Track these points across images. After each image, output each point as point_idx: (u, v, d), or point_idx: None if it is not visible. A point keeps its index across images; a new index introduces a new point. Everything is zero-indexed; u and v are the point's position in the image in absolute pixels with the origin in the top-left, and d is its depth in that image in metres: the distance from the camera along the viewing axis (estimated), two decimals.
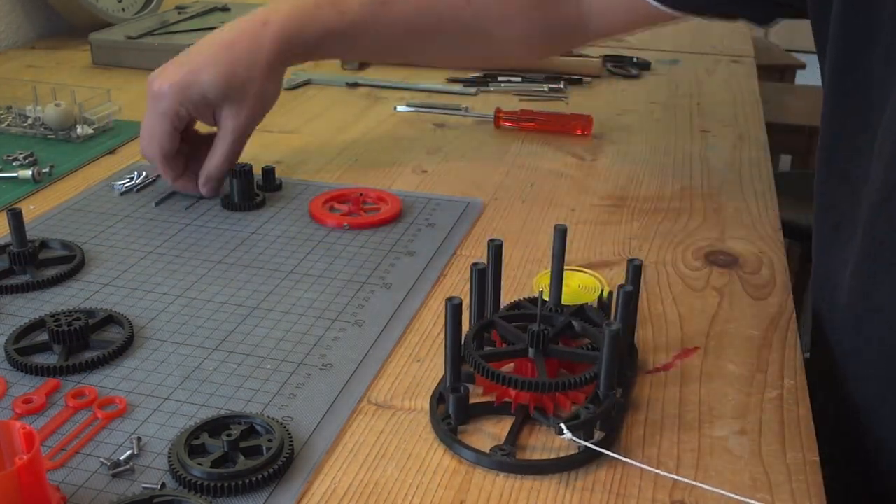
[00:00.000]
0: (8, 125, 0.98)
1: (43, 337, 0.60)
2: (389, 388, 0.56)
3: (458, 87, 1.16)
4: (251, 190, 0.80)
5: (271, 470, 0.48)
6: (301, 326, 0.62)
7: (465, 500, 0.48)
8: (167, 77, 0.77)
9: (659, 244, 0.75)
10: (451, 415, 0.52)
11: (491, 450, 0.50)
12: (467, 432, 0.52)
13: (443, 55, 0.91)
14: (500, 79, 1.18)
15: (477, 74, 1.21)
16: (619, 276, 0.69)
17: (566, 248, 0.56)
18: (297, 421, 0.53)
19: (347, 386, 0.56)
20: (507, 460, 0.49)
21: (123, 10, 1.40)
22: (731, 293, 0.67)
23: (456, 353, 0.52)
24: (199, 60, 0.77)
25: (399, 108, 1.08)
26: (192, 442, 0.49)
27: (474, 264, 0.54)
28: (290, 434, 0.50)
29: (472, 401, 0.53)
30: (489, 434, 0.52)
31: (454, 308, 0.50)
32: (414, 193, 0.83)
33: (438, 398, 0.54)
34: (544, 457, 0.50)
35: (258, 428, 0.51)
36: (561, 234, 0.55)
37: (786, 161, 2.37)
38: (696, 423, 0.53)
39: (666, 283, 0.69)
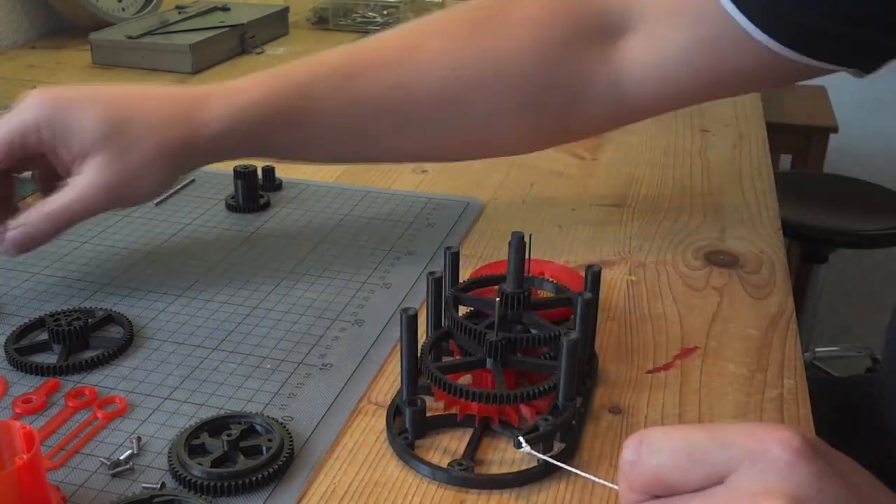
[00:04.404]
0: None
1: (43, 336, 0.60)
2: (389, 388, 0.56)
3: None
4: (256, 192, 0.80)
5: (271, 470, 0.48)
6: (301, 326, 0.62)
7: (465, 500, 0.48)
8: (49, 91, 0.61)
9: (659, 244, 0.75)
10: (408, 428, 0.51)
11: (448, 464, 0.49)
12: (426, 447, 0.51)
13: (414, 141, 0.70)
14: None
15: None
16: (619, 275, 0.69)
17: (566, 247, 0.55)
18: (297, 421, 0.53)
19: (347, 386, 0.56)
20: (465, 475, 0.48)
21: (123, 9, 1.40)
22: (731, 293, 0.67)
23: (412, 365, 0.51)
24: (100, 93, 0.62)
25: None
26: (192, 442, 0.49)
27: (430, 273, 0.53)
28: (290, 434, 0.50)
29: (434, 413, 0.52)
30: (449, 448, 0.51)
31: (409, 319, 0.49)
32: (414, 193, 0.83)
33: (395, 411, 0.53)
34: (503, 470, 0.49)
35: (258, 428, 0.51)
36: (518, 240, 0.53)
37: (786, 161, 2.37)
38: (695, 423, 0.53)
39: (666, 283, 0.69)
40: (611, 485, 0.45)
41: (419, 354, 0.52)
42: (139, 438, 0.51)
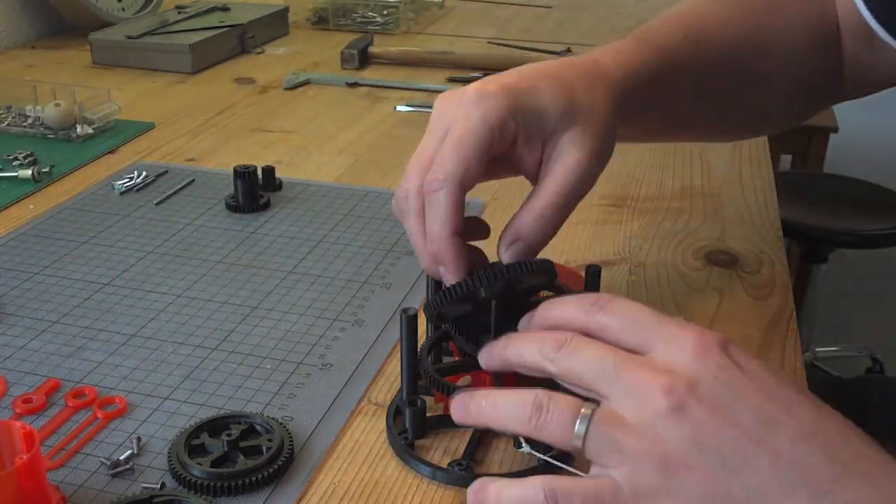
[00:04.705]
0: (8, 125, 0.98)
1: None
2: (389, 388, 0.56)
3: (457, 88, 1.16)
4: (255, 192, 0.80)
5: (271, 470, 0.48)
6: (301, 326, 0.62)
7: (464, 500, 0.47)
8: (492, 81, 0.53)
9: (659, 244, 0.75)
10: (408, 429, 0.51)
11: (448, 464, 0.49)
12: (426, 447, 0.51)
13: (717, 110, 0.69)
14: None
15: (476, 74, 1.21)
16: (619, 275, 0.69)
17: (566, 247, 0.55)
18: (297, 421, 0.53)
19: (347, 386, 0.56)
20: (465, 475, 0.48)
21: (123, 9, 1.40)
22: (731, 293, 0.67)
23: (412, 366, 0.51)
24: (529, 73, 0.54)
25: (399, 108, 1.08)
26: (192, 442, 0.49)
27: (429, 275, 0.53)
28: (290, 434, 0.50)
29: (434, 413, 0.52)
30: (449, 448, 0.51)
31: (409, 319, 0.49)
32: None
33: (395, 411, 0.53)
34: (503, 470, 0.49)
35: (258, 428, 0.51)
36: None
37: (786, 161, 2.37)
38: None
39: (666, 283, 0.69)
40: None
41: (418, 355, 0.51)
42: (139, 438, 0.51)
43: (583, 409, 0.41)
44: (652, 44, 0.60)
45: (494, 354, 0.48)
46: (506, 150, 0.52)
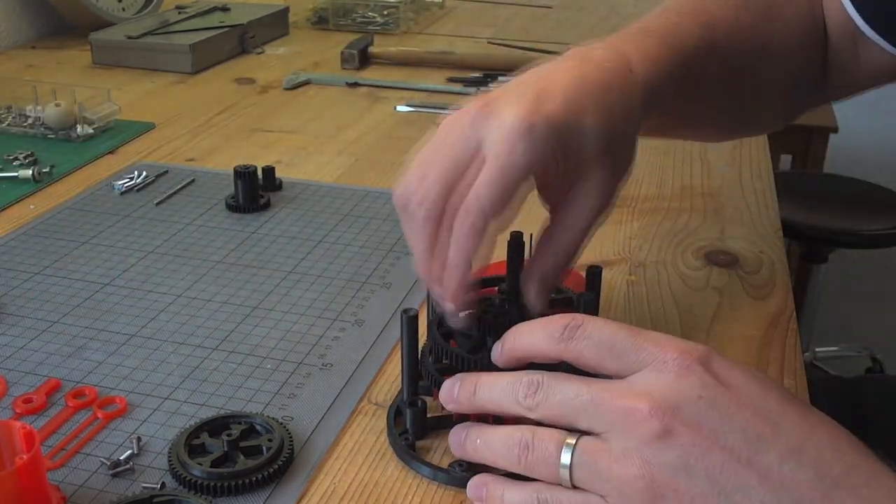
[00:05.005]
0: (8, 125, 0.98)
1: None
2: (389, 388, 0.56)
3: (458, 87, 1.16)
4: (256, 192, 0.80)
5: (271, 470, 0.48)
6: (301, 326, 0.62)
7: (464, 500, 0.48)
8: (537, 109, 0.49)
9: (659, 244, 0.75)
10: (409, 430, 0.51)
11: (449, 465, 0.49)
12: (426, 447, 0.51)
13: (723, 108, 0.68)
14: (499, 78, 1.18)
15: (476, 74, 1.21)
16: (619, 275, 0.69)
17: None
18: (297, 421, 0.53)
19: (347, 386, 0.56)
20: (466, 476, 0.47)
21: (123, 9, 1.40)
22: (731, 293, 0.67)
23: (413, 366, 0.51)
24: (576, 94, 0.50)
25: (399, 108, 1.08)
26: (192, 441, 0.49)
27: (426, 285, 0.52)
28: (290, 434, 0.50)
29: (434, 414, 0.52)
30: (449, 449, 0.50)
31: (410, 320, 0.49)
32: None
33: (396, 412, 0.53)
34: (504, 472, 0.48)
35: (258, 428, 0.51)
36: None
37: (786, 161, 2.37)
38: None
39: (666, 283, 0.69)
40: None
41: (419, 356, 0.51)
42: (139, 438, 0.51)
43: (566, 442, 0.42)
44: (676, 50, 0.59)
45: (463, 400, 0.46)
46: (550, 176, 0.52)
